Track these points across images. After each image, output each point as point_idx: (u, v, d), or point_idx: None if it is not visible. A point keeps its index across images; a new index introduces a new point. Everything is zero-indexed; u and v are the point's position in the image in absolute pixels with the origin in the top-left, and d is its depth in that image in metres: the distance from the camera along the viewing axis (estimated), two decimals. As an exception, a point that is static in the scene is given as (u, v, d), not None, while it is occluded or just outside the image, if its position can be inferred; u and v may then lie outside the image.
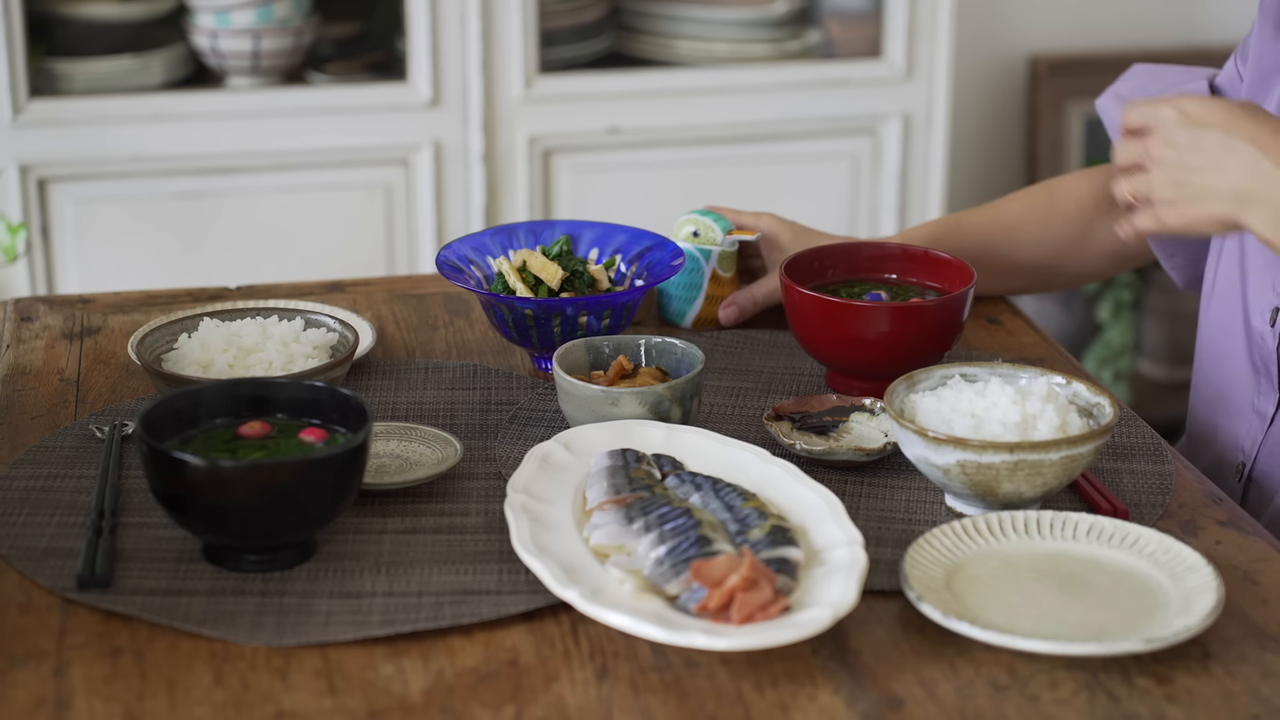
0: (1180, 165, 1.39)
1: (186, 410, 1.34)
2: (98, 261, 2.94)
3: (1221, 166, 1.38)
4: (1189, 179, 1.39)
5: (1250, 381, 1.58)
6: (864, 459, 1.44)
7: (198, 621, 1.23)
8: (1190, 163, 1.39)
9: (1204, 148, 1.38)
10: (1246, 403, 1.58)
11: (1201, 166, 1.38)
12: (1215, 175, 1.38)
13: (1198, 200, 1.39)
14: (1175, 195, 1.40)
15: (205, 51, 2.96)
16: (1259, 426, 1.57)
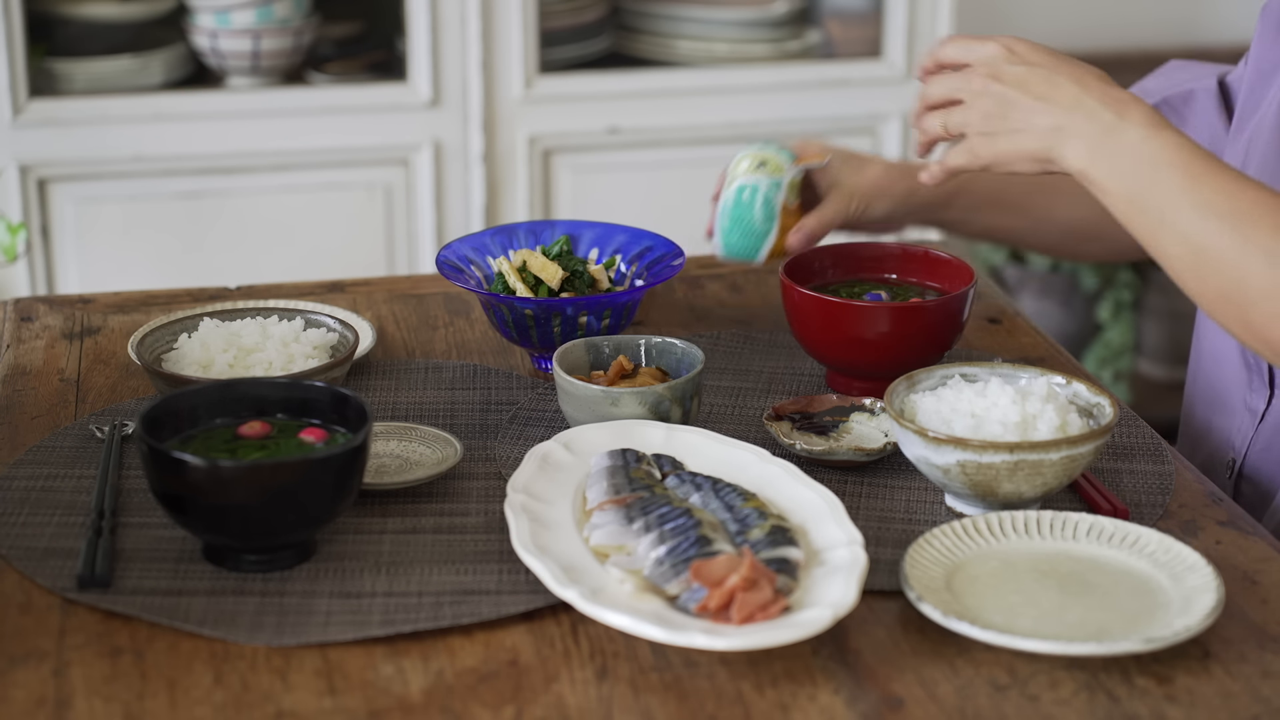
0: (1002, 99, 1.41)
1: (186, 410, 1.34)
2: (98, 261, 2.94)
3: (1043, 100, 1.39)
4: (1008, 112, 1.41)
5: (1243, 379, 1.58)
6: (864, 459, 1.44)
7: (198, 621, 1.23)
8: (1011, 97, 1.41)
9: (1028, 83, 1.40)
10: (1239, 400, 1.59)
11: (1022, 100, 1.40)
12: (1035, 109, 1.40)
13: (1014, 133, 1.41)
14: (993, 128, 1.42)
15: (205, 51, 2.96)
16: (1250, 423, 1.57)
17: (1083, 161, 1.39)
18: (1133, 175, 1.37)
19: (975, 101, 1.43)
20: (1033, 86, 1.40)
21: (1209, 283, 1.34)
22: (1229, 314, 1.35)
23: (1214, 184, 1.34)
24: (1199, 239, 1.34)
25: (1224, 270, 1.33)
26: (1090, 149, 1.38)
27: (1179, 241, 1.35)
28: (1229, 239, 1.32)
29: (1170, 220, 1.35)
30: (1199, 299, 1.37)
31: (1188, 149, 1.36)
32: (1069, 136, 1.39)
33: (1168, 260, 1.37)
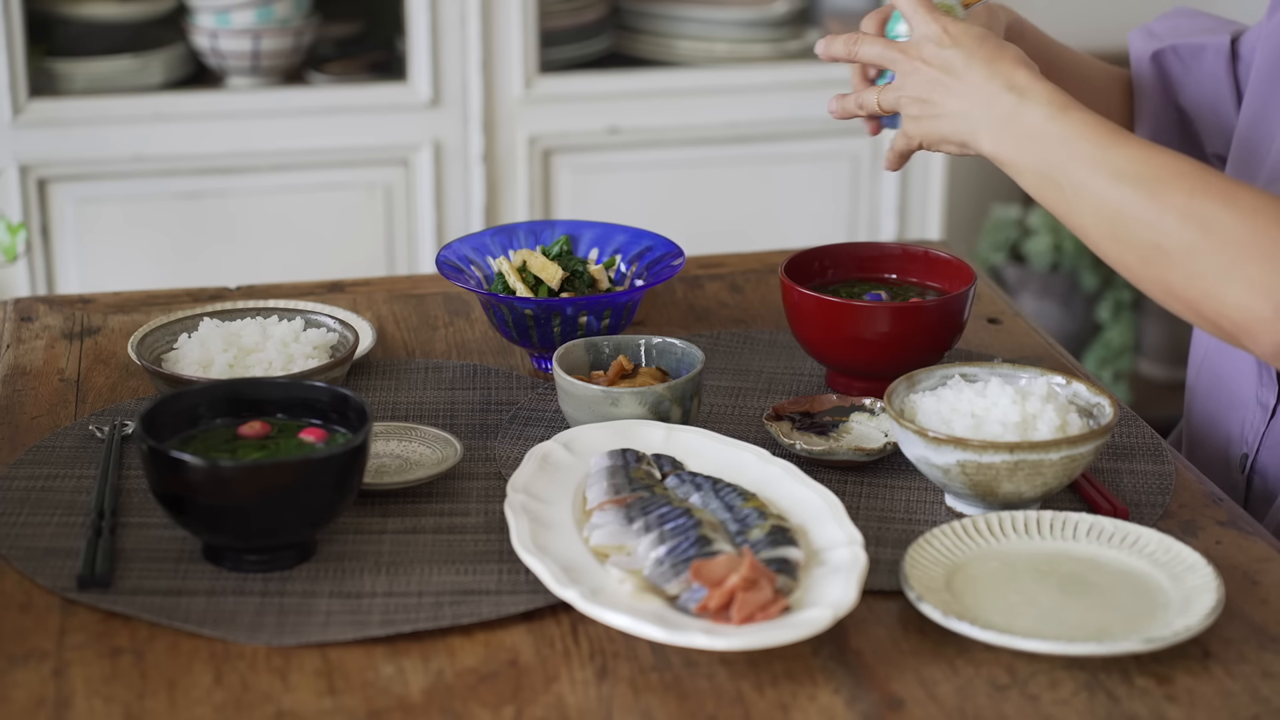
0: (928, 81, 1.44)
1: (186, 410, 1.34)
2: (98, 261, 2.94)
3: (956, 86, 1.42)
4: (931, 95, 1.44)
5: (1253, 374, 1.58)
6: (864, 459, 1.44)
7: (198, 621, 1.23)
8: (934, 80, 1.43)
9: (949, 67, 1.43)
10: (1250, 395, 1.58)
11: (942, 85, 1.43)
12: (950, 94, 1.42)
13: (935, 117, 1.44)
14: (919, 111, 1.45)
15: (205, 51, 2.96)
16: (1261, 418, 1.57)
17: (992, 146, 1.41)
18: (1040, 154, 1.38)
19: (904, 82, 1.46)
20: (952, 71, 1.43)
21: (1127, 248, 1.35)
22: (1148, 277, 1.35)
23: (1123, 152, 1.35)
24: (1112, 205, 1.35)
25: (1140, 234, 1.34)
26: (996, 134, 1.40)
27: (1093, 211, 1.36)
28: (1142, 202, 1.33)
29: (1082, 191, 1.36)
30: (1119, 266, 1.37)
31: (1093, 124, 1.37)
32: (976, 122, 1.41)
33: (1085, 231, 1.38)
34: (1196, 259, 1.31)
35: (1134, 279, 1.37)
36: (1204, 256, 1.31)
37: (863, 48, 1.50)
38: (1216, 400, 1.63)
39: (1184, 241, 1.31)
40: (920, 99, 1.45)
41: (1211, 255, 1.30)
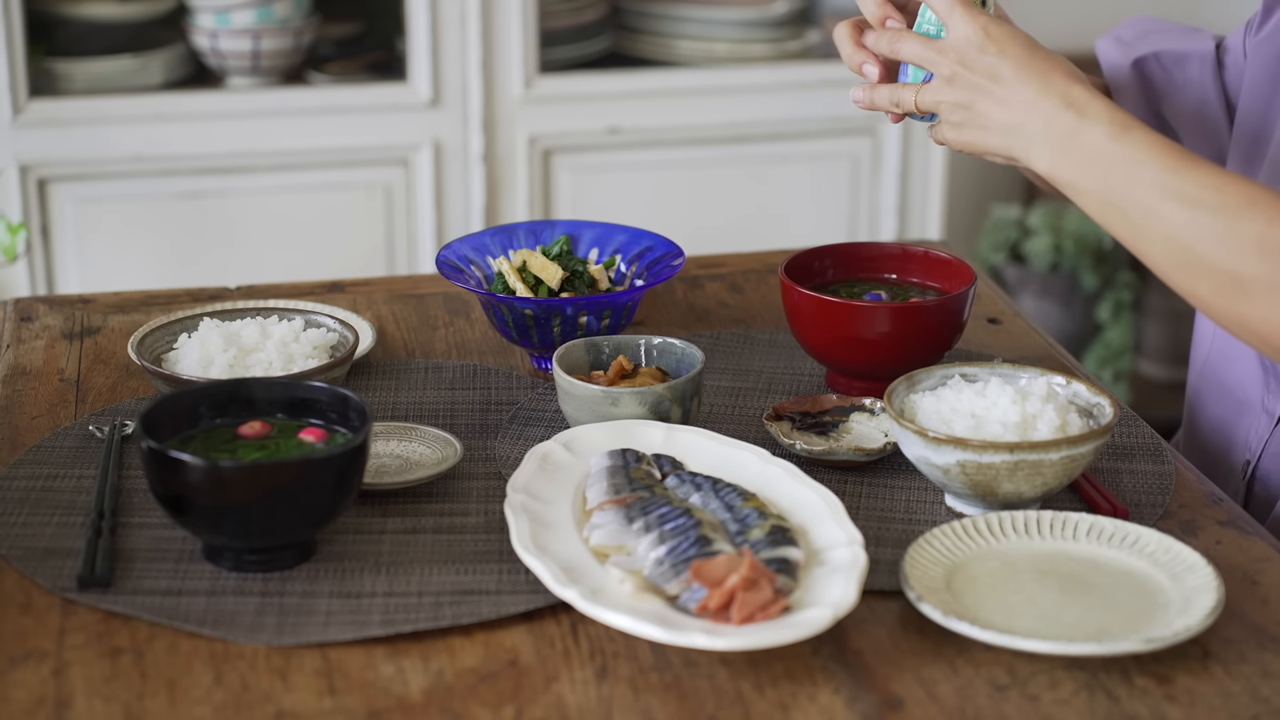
0: (971, 88, 1.38)
1: (186, 410, 1.34)
2: (98, 261, 2.94)
3: (1005, 97, 1.36)
4: (975, 103, 1.38)
5: (1259, 379, 1.57)
6: (864, 459, 1.44)
7: (198, 621, 1.23)
8: (979, 87, 1.37)
9: (996, 76, 1.36)
10: (1256, 401, 1.58)
11: (987, 94, 1.37)
12: (997, 106, 1.37)
13: (980, 128, 1.39)
14: (960, 118, 1.39)
15: (205, 51, 2.96)
16: (1267, 425, 1.56)
17: (1048, 164, 1.36)
18: (1104, 176, 1.33)
19: (945, 86, 1.39)
20: (999, 80, 1.36)
21: (1200, 279, 1.31)
22: (1223, 309, 1.31)
23: (1194, 177, 1.31)
24: (1185, 235, 1.30)
25: (1214, 264, 1.29)
26: (1053, 152, 1.35)
27: (1163, 239, 1.31)
28: (1217, 231, 1.28)
29: (1151, 217, 1.31)
30: (1190, 296, 1.33)
31: (1160, 145, 1.32)
32: (1030, 139, 1.36)
33: (1153, 259, 1.33)
34: (1277, 292, 1.27)
35: (1206, 309, 1.33)
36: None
37: (904, 45, 1.42)
38: (1220, 405, 1.63)
39: (1263, 273, 1.27)
40: (963, 105, 1.39)
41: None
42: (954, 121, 1.40)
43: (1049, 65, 1.36)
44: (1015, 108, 1.36)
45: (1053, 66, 1.36)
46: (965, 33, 1.38)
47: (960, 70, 1.38)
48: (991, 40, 1.37)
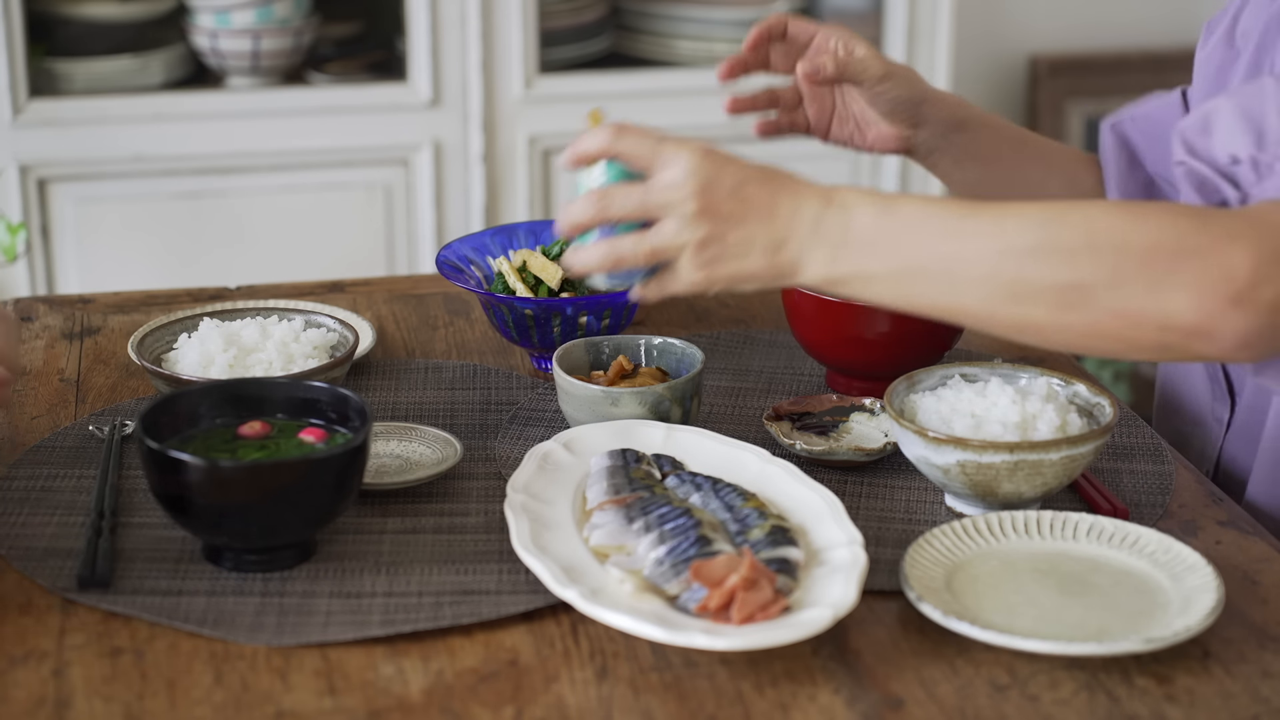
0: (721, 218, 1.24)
1: (186, 410, 1.34)
2: (98, 261, 2.94)
3: (766, 214, 1.24)
4: (729, 233, 1.24)
5: (1206, 389, 1.58)
6: (864, 459, 1.44)
7: (198, 621, 1.23)
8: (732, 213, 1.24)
9: (746, 197, 1.24)
10: (1206, 411, 1.59)
11: (744, 217, 1.24)
12: (759, 225, 1.24)
13: (740, 256, 1.25)
14: (713, 253, 1.24)
15: (205, 51, 2.96)
16: (1219, 433, 1.57)
17: (825, 265, 1.24)
18: (892, 249, 1.23)
19: (687, 226, 1.24)
20: (748, 202, 1.24)
21: (1034, 305, 1.22)
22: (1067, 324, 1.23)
23: (989, 213, 1.23)
24: (1005, 267, 1.21)
25: (1048, 282, 1.21)
26: (830, 251, 1.24)
27: (981, 282, 1.22)
28: (1041, 252, 1.21)
29: (961, 265, 1.23)
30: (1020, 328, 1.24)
31: (936, 199, 1.26)
32: (800, 248, 1.24)
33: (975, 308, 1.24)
34: (1122, 285, 1.21)
35: (1047, 332, 1.24)
36: (1130, 278, 1.20)
37: (617, 200, 1.26)
38: (1180, 419, 1.63)
39: (1103, 272, 1.20)
40: (714, 239, 1.24)
41: (1138, 273, 1.20)
42: (703, 260, 1.25)
43: (784, 173, 1.27)
44: (776, 222, 1.24)
45: (787, 173, 1.27)
46: (691, 162, 1.24)
47: (704, 201, 1.24)
48: (721, 163, 1.25)
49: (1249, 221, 1.21)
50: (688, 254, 1.25)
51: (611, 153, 1.28)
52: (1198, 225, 1.21)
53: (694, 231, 1.24)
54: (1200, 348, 1.21)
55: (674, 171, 1.25)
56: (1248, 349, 1.21)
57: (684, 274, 1.26)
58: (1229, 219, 1.22)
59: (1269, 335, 1.20)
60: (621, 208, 1.26)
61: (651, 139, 1.27)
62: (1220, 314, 1.19)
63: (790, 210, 1.25)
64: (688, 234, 1.24)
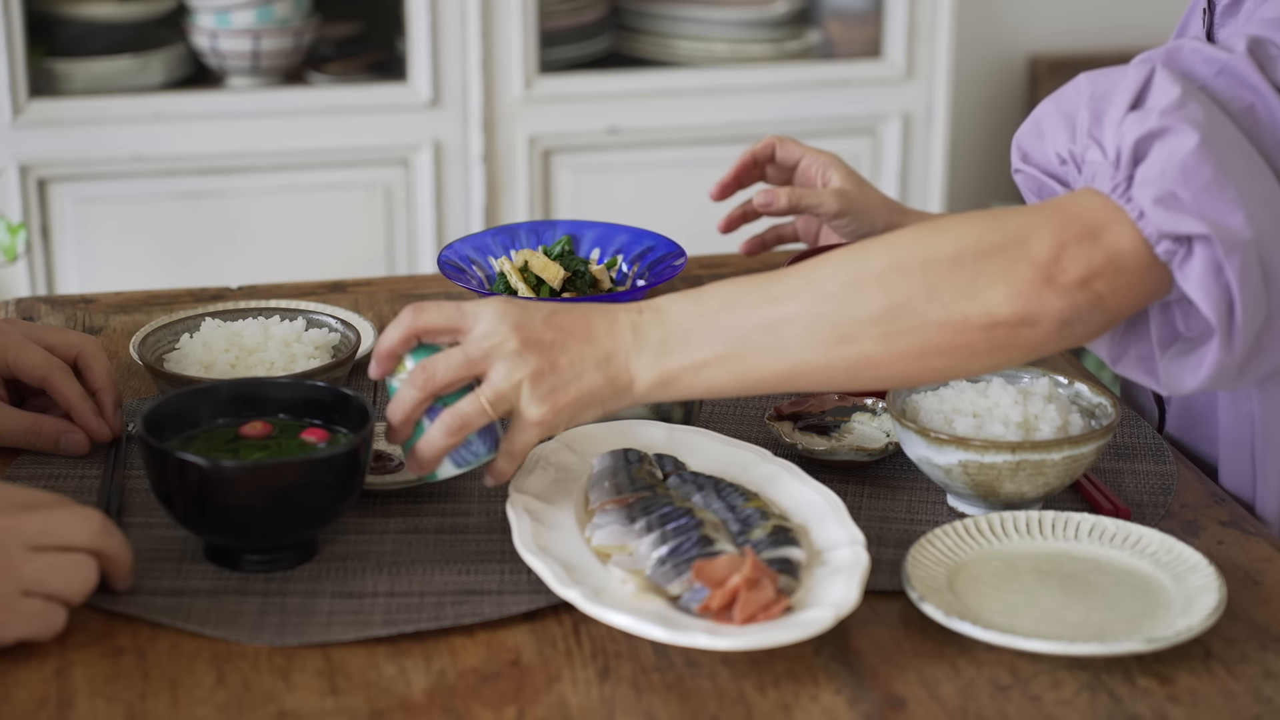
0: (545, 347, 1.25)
1: (188, 410, 1.34)
2: (98, 261, 2.94)
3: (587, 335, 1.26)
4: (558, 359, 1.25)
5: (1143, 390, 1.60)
6: (866, 459, 1.44)
7: (200, 621, 1.23)
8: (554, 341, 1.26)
9: (560, 324, 1.26)
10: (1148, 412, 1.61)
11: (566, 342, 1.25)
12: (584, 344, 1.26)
13: (575, 377, 1.26)
14: (551, 384, 1.25)
15: (205, 51, 2.97)
16: None
17: (653, 366, 1.25)
18: (713, 334, 1.25)
19: (517, 364, 1.25)
20: (563, 328, 1.26)
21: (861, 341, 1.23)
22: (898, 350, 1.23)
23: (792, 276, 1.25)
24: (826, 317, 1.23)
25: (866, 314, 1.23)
26: (655, 353, 1.25)
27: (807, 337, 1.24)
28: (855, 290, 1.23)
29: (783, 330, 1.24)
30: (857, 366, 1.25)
31: (738, 280, 1.27)
32: (627, 355, 1.26)
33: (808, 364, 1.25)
34: (937, 295, 1.21)
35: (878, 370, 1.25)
36: (943, 286, 1.22)
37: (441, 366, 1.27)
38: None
39: (916, 288, 1.22)
40: (547, 369, 1.25)
41: (950, 279, 1.21)
42: (542, 393, 1.25)
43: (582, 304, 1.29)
44: (597, 339, 1.26)
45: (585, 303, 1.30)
46: (497, 308, 1.26)
47: (524, 335, 1.25)
48: (525, 304, 1.27)
49: (1046, 211, 1.25)
50: (525, 391, 1.25)
51: (414, 331, 1.28)
52: (995, 224, 1.24)
53: (524, 367, 1.25)
54: (1027, 336, 1.23)
55: (485, 322, 1.26)
56: (1068, 328, 1.23)
57: (529, 412, 1.26)
58: (1026, 212, 1.25)
59: (1086, 312, 1.23)
60: (446, 372, 1.27)
61: (449, 306, 1.28)
62: (1035, 297, 1.22)
63: (606, 326, 1.26)
64: (519, 371, 1.25)
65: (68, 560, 1.19)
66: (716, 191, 1.72)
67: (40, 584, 1.18)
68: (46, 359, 1.45)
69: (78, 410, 1.44)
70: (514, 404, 1.26)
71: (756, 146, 1.73)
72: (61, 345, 1.47)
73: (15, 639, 1.18)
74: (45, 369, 1.44)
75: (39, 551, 1.18)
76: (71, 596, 1.20)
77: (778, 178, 1.76)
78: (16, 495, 1.22)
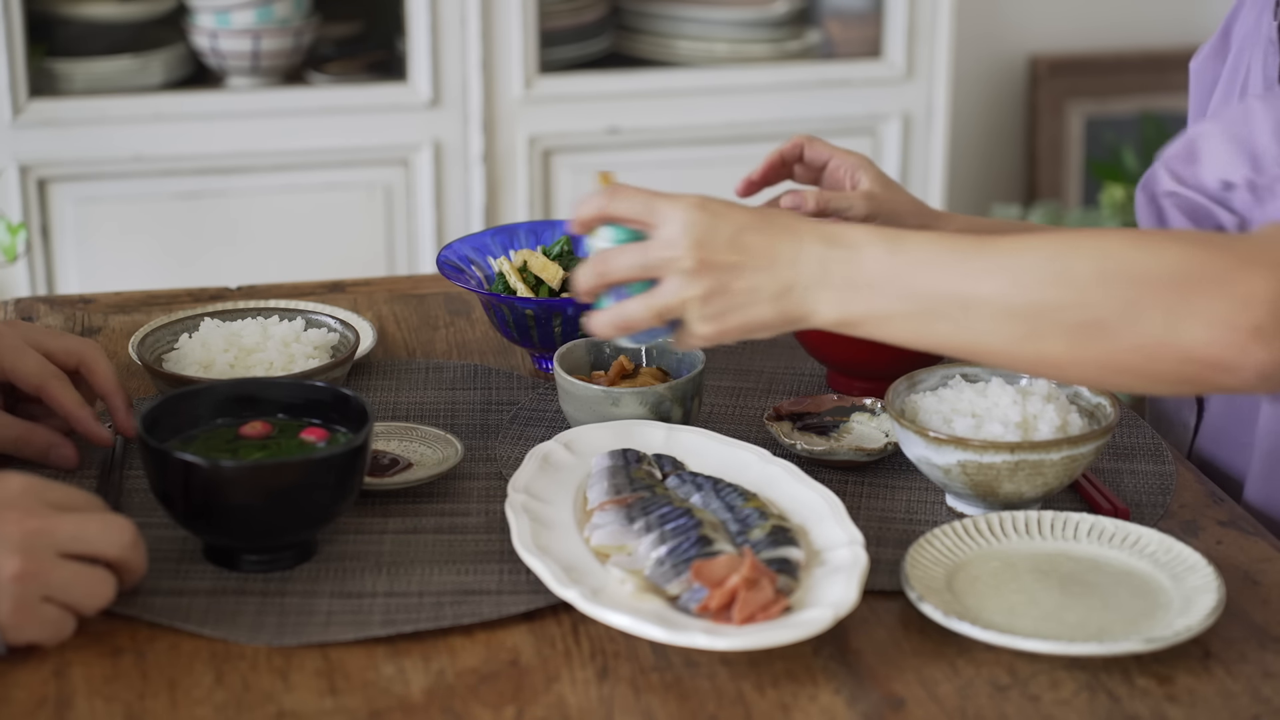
0: (720, 269, 1.23)
1: (187, 410, 1.34)
2: (98, 262, 2.94)
3: (767, 262, 1.23)
4: (732, 283, 1.23)
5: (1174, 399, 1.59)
6: (865, 459, 1.44)
7: (199, 621, 1.23)
8: (731, 264, 1.23)
9: (745, 245, 1.23)
10: (1173, 414, 1.59)
11: (744, 266, 1.23)
12: (762, 273, 1.23)
13: (747, 305, 1.23)
14: (720, 306, 1.24)
15: (205, 51, 2.96)
16: (1186, 437, 1.57)
17: (837, 307, 1.23)
18: (906, 289, 1.22)
19: (688, 282, 1.23)
20: (748, 250, 1.23)
21: (1051, 341, 1.20)
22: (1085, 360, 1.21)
23: (999, 248, 1.22)
24: (1020, 302, 1.20)
25: (1063, 319, 1.20)
26: (839, 293, 1.23)
27: (998, 318, 1.21)
28: (1054, 286, 1.20)
29: (976, 304, 1.21)
30: (1039, 364, 1.23)
31: (945, 236, 1.24)
32: (806, 291, 1.23)
33: (989, 346, 1.22)
34: (1139, 317, 1.18)
35: (1066, 368, 1.23)
36: (1147, 310, 1.18)
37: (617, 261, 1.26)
38: (1160, 426, 1.63)
39: (1119, 303, 1.18)
40: (717, 292, 1.23)
41: (1155, 305, 1.18)
42: (711, 314, 1.24)
43: (783, 216, 1.25)
44: (779, 269, 1.23)
45: (787, 216, 1.25)
46: (687, 216, 1.23)
47: (701, 255, 1.23)
48: (716, 213, 1.24)
49: (1262, 246, 1.20)
50: (693, 309, 1.24)
51: (606, 216, 1.27)
52: (1212, 252, 1.19)
53: (695, 287, 1.23)
54: (1220, 380, 1.19)
55: (670, 228, 1.24)
56: (1268, 381, 1.19)
57: (695, 328, 1.25)
58: (1242, 244, 1.20)
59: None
60: (621, 270, 1.26)
61: (644, 197, 1.25)
62: (1240, 347, 1.17)
63: (792, 254, 1.23)
64: (690, 289, 1.23)
65: (91, 574, 1.19)
66: (743, 188, 1.70)
67: (63, 592, 1.18)
68: (42, 366, 1.41)
69: (76, 417, 1.41)
70: (681, 317, 1.25)
71: (785, 146, 1.71)
72: (61, 351, 1.44)
73: (26, 642, 1.18)
74: (41, 377, 1.41)
75: (67, 559, 1.18)
76: (87, 609, 1.20)
77: (806, 176, 1.73)
78: (51, 493, 1.20)
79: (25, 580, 1.15)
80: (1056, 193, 3.58)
